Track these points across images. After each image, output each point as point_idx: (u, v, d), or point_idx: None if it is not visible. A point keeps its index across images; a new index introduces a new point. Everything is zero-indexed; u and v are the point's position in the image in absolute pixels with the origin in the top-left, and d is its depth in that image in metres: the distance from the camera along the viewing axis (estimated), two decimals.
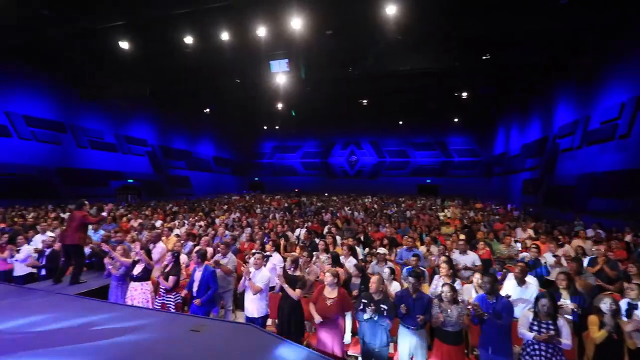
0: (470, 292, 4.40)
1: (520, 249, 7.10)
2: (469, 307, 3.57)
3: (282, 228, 8.94)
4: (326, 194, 25.18)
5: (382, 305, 3.55)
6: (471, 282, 4.74)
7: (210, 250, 5.95)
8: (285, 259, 5.87)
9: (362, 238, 7.65)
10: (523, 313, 3.46)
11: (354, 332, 4.00)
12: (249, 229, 8.29)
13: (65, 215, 9.59)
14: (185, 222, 9.64)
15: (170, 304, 4.53)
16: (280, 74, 13.85)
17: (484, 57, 12.46)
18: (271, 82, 15.42)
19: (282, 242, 6.92)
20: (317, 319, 3.73)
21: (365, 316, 3.53)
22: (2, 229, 7.42)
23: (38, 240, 6.57)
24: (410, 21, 10.45)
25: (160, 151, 24.56)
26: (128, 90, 17.21)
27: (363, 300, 3.67)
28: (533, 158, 17.64)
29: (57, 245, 6.16)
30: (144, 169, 23.08)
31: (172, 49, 12.92)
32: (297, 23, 10.50)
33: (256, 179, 34.29)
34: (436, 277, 4.84)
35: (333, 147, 32.58)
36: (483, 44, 12.30)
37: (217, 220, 10.38)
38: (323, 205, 17.46)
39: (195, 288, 4.58)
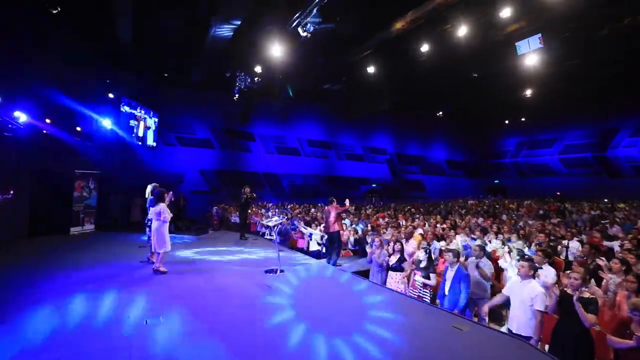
0: None
1: None
2: None
3: (544, 238, 7.34)
4: (605, 200, 18.46)
5: None
6: None
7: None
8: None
9: None
10: None
11: None
12: (500, 235, 7.36)
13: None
14: (426, 223, 9.90)
15: (425, 297, 4.72)
16: (531, 55, 11.61)
17: None
18: (517, 68, 13.26)
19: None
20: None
21: None
22: (302, 219, 10.57)
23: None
24: None
25: (397, 158, 26.91)
26: (373, 107, 19.99)
27: None
28: None
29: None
30: (384, 175, 26.07)
31: (409, 61, 13.81)
32: None
33: (496, 181, 30.26)
34: None
35: (615, 134, 23.36)
36: None
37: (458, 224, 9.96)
38: (602, 214, 12.88)
39: (447, 287, 4.54)
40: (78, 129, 10.51)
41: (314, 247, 8.21)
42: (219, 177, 19.29)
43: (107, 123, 11.64)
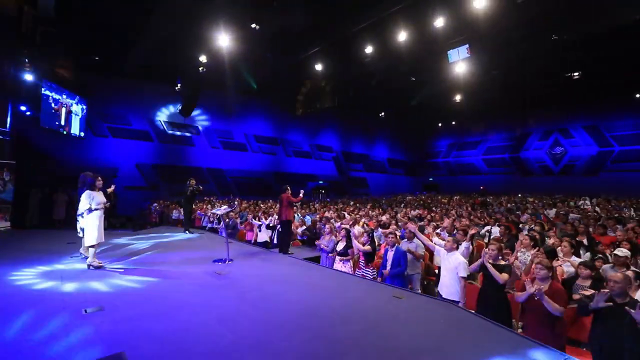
0: None
1: None
2: None
3: (467, 222, 8.39)
4: (519, 195, 21.31)
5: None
6: None
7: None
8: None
9: (584, 241, 6.10)
10: None
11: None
12: (433, 223, 8.21)
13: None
14: (370, 213, 10.54)
15: (368, 275, 5.11)
16: (460, 63, 12.96)
17: None
18: (449, 75, 14.69)
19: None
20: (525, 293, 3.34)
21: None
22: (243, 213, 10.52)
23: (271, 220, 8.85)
24: None
25: (342, 156, 27.88)
26: (321, 104, 20.44)
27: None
28: None
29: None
30: (330, 172, 26.84)
31: (353, 62, 14.46)
32: (480, 1, 9.63)
33: (430, 179, 33.02)
34: None
35: (527, 138, 27.15)
36: None
37: (398, 215, 10.78)
38: (517, 206, 14.90)
39: (388, 266, 5.01)
40: None
41: (262, 238, 8.25)
42: (158, 172, 18.09)
43: (24, 108, 10.26)
